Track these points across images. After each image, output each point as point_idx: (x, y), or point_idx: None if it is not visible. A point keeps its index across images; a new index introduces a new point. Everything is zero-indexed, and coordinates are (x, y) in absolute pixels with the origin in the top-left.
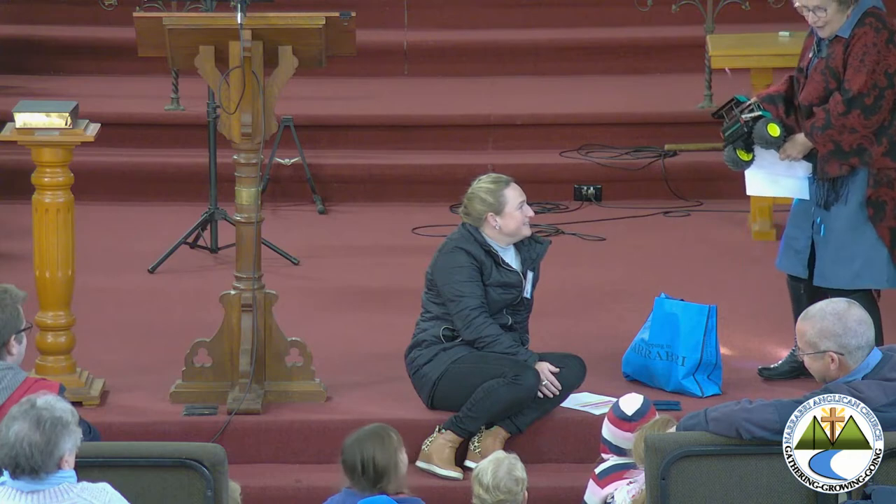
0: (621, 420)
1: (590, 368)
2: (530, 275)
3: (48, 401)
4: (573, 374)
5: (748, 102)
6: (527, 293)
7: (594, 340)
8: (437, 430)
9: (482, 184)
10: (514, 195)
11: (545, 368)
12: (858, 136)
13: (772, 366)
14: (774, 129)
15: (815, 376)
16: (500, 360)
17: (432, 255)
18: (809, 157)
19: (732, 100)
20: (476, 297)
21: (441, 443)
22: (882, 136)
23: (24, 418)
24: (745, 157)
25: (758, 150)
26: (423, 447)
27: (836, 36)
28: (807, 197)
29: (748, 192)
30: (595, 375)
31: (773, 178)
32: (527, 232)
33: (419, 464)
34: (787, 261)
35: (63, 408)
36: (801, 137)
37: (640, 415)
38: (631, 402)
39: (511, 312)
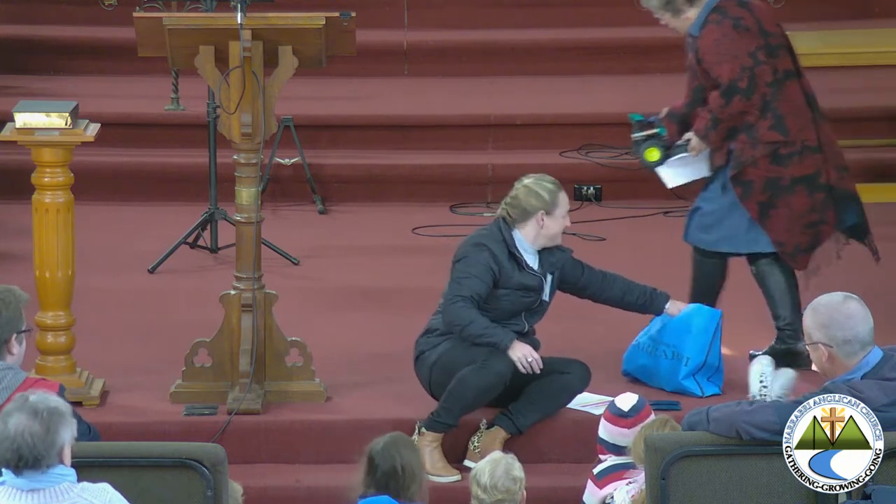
0: (617, 417)
1: (590, 369)
2: (549, 278)
3: (41, 395)
4: (577, 379)
5: (645, 120)
6: (545, 296)
7: (594, 341)
8: (416, 428)
9: (542, 181)
10: (566, 201)
11: (523, 348)
12: (745, 114)
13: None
14: (652, 155)
15: (818, 370)
16: (480, 346)
17: (432, 256)
18: None
19: (630, 121)
20: (472, 291)
21: (425, 447)
22: (767, 110)
23: (21, 411)
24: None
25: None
26: None
27: (690, 34)
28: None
29: (669, 187)
30: (595, 376)
31: (682, 166)
32: (559, 241)
33: None
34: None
35: (57, 399)
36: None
37: (636, 411)
38: (626, 400)
39: (528, 317)
